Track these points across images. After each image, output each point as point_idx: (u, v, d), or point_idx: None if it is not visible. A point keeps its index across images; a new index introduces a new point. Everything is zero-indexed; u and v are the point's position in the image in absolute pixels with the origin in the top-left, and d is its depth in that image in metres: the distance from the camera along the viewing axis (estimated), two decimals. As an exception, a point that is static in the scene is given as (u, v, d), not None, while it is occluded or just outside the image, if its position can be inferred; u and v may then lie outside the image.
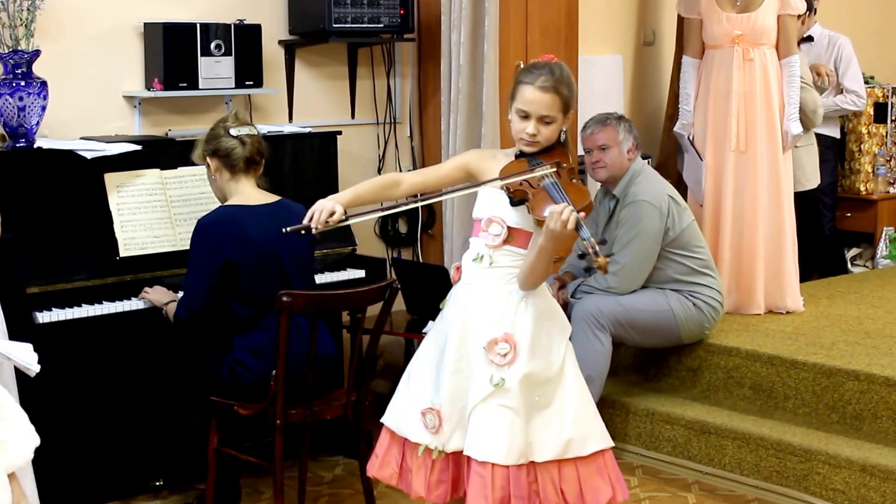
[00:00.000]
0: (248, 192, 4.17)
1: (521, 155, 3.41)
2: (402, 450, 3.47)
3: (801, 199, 6.25)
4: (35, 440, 3.09)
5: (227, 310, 4.12)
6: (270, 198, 4.20)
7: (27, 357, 3.17)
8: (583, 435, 3.38)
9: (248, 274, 4.05)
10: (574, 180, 3.36)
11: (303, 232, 3.26)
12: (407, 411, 3.46)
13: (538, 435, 3.33)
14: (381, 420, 3.55)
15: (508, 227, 3.35)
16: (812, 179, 6.46)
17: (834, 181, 7.20)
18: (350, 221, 3.32)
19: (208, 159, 4.20)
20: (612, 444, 3.48)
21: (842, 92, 6.95)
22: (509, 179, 3.29)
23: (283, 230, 3.29)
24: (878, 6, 8.55)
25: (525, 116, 3.36)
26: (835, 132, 7.06)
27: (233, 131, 4.15)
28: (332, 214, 3.24)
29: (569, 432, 3.35)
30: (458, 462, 3.40)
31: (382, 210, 3.57)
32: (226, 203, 4.19)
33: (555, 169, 3.31)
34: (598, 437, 3.42)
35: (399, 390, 3.54)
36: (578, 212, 3.13)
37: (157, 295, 4.34)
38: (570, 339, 3.50)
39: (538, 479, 3.32)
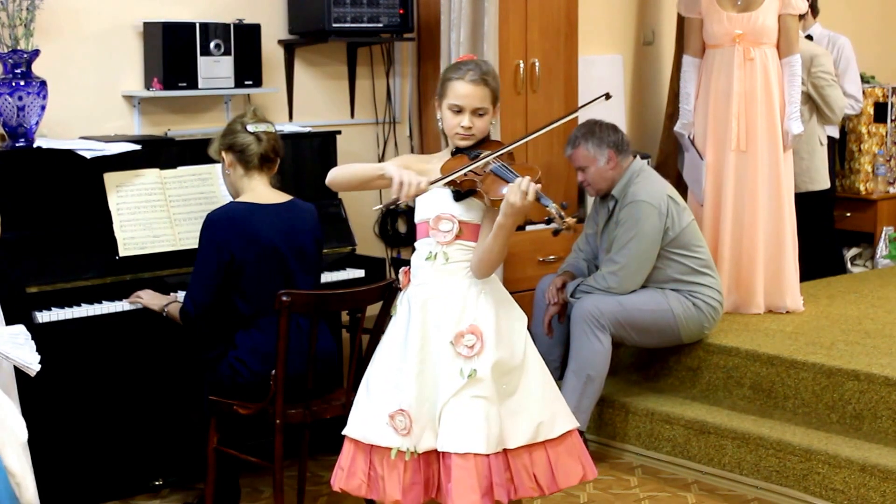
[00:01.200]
0: (260, 190, 4.18)
1: (457, 151, 3.49)
2: (369, 458, 3.49)
3: (816, 198, 6.29)
4: (23, 423, 3.12)
5: (230, 306, 4.12)
6: (282, 197, 4.21)
7: (27, 357, 3.18)
8: (550, 418, 3.48)
9: (252, 271, 4.06)
10: (517, 162, 3.46)
11: (391, 207, 3.37)
12: (371, 418, 3.48)
13: (507, 422, 3.41)
14: (343, 432, 3.56)
15: (459, 222, 3.43)
16: (827, 179, 6.50)
17: (833, 182, 7.20)
18: (432, 188, 3.36)
19: (223, 154, 4.21)
20: (577, 424, 3.59)
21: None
22: (458, 173, 3.36)
23: (374, 209, 3.33)
24: (878, 6, 8.55)
25: (459, 111, 3.47)
26: (834, 132, 7.06)
27: (250, 127, 4.17)
28: (419, 184, 3.31)
29: (537, 416, 3.45)
30: (428, 462, 3.44)
31: (466, 167, 3.53)
32: (237, 199, 4.19)
33: (499, 153, 3.42)
34: (564, 418, 3.53)
35: (358, 400, 3.57)
36: (534, 183, 3.24)
37: (151, 299, 4.32)
38: (566, 338, 3.53)
39: (511, 466, 3.41)
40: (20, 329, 3.28)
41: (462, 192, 3.40)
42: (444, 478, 3.37)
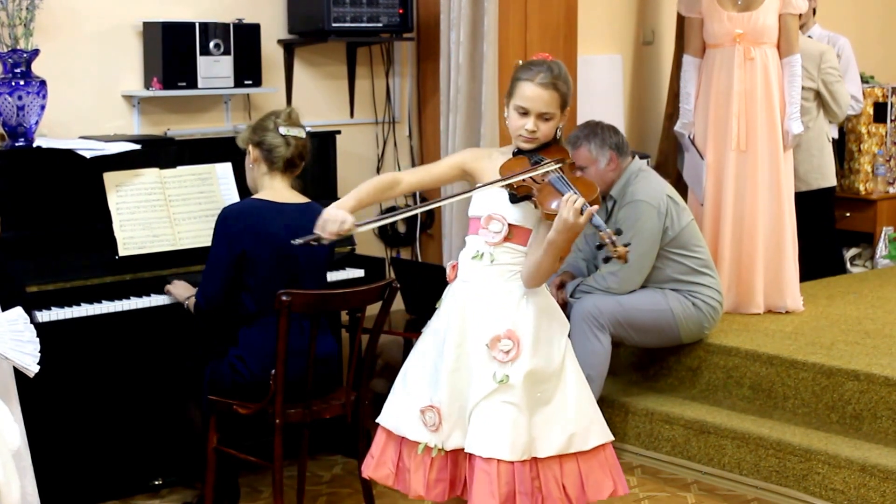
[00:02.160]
0: (280, 190, 4.18)
1: (519, 152, 3.42)
2: (399, 449, 3.47)
3: (821, 195, 6.30)
4: (17, 430, 3.11)
5: (237, 302, 4.12)
6: (300, 198, 4.21)
7: (26, 358, 3.17)
8: (584, 429, 3.41)
9: (261, 268, 4.06)
10: (579, 174, 3.38)
11: (312, 243, 3.30)
12: (404, 410, 3.46)
13: (540, 431, 3.35)
14: (377, 420, 3.55)
15: (509, 224, 3.37)
16: (831, 177, 6.51)
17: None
18: (359, 230, 3.34)
19: (250, 147, 4.21)
20: (612, 438, 3.51)
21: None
22: (515, 178, 3.30)
23: (293, 242, 3.32)
24: (880, 6, 8.55)
25: (524, 113, 3.38)
26: (833, 132, 7.06)
27: (282, 129, 4.16)
28: (342, 223, 3.26)
29: (571, 427, 3.38)
30: (456, 461, 3.41)
31: (387, 217, 3.57)
32: (254, 196, 4.20)
33: (560, 164, 3.34)
34: (599, 431, 3.46)
35: (395, 390, 3.55)
36: (590, 203, 3.17)
37: (180, 290, 4.36)
38: (568, 336, 3.52)
39: (540, 475, 3.35)
40: (18, 313, 3.24)
41: (518, 196, 3.32)
42: (468, 479, 3.35)
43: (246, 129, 4.30)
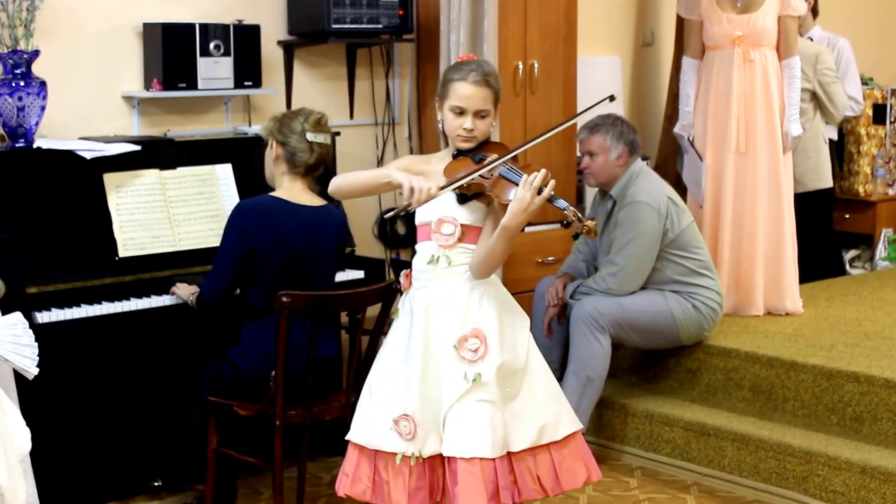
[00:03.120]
0: (297, 192, 4.17)
1: (458, 153, 3.46)
2: (374, 463, 3.48)
3: (818, 197, 6.30)
4: (28, 434, 3.12)
5: (243, 298, 4.13)
6: (316, 200, 4.20)
7: (25, 361, 3.17)
8: (554, 420, 3.47)
9: (271, 266, 4.06)
10: (523, 164, 3.44)
11: (403, 213, 3.37)
12: (375, 423, 3.47)
13: (511, 425, 3.40)
14: (347, 437, 3.56)
15: (461, 225, 3.42)
16: (829, 178, 6.51)
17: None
18: (442, 193, 3.33)
19: (274, 143, 4.19)
20: (581, 426, 3.58)
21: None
22: (467, 178, 3.33)
23: (385, 216, 3.38)
24: (877, 8, 8.56)
25: (461, 112, 3.44)
26: (832, 134, 7.06)
27: (309, 136, 4.14)
28: (429, 191, 3.28)
29: (541, 419, 3.44)
30: (433, 467, 3.43)
31: (467, 175, 3.50)
32: (271, 194, 4.19)
33: (508, 156, 3.39)
34: (567, 420, 3.52)
35: (361, 405, 3.56)
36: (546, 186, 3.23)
37: (183, 290, 4.36)
38: (566, 340, 3.54)
39: (514, 468, 3.40)
40: (17, 318, 3.24)
41: (468, 196, 3.38)
42: (450, 482, 3.37)
43: (272, 120, 4.24)
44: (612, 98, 3.52)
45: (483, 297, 3.42)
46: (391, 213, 3.44)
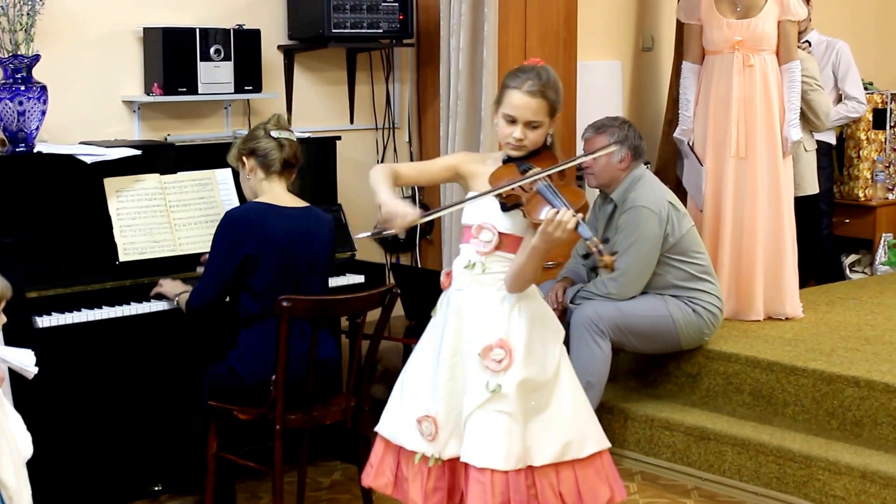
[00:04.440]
0: (280, 194, 4.20)
1: (508, 160, 3.41)
2: (398, 458, 3.47)
3: (802, 203, 6.26)
4: (29, 439, 3.14)
5: (237, 303, 4.13)
6: (300, 203, 4.23)
7: (24, 359, 3.17)
8: (580, 437, 3.40)
9: (264, 271, 4.07)
10: (566, 182, 3.38)
11: (384, 234, 3.29)
12: (401, 419, 3.46)
13: (536, 439, 3.34)
14: (375, 429, 3.55)
15: (500, 234, 3.36)
16: (814, 184, 6.48)
17: (830, 188, 7.21)
18: (423, 221, 3.32)
19: (244, 159, 4.23)
20: (609, 445, 3.50)
21: (841, 98, 6.97)
22: (503, 188, 3.28)
23: (357, 237, 3.40)
24: (876, 12, 8.56)
25: (512, 121, 3.35)
26: (831, 138, 7.07)
27: (273, 133, 4.20)
28: (404, 217, 3.23)
29: (566, 435, 3.37)
30: (453, 469, 3.40)
31: (448, 207, 3.47)
32: (256, 199, 4.21)
33: (547, 174, 3.30)
34: (595, 438, 3.45)
35: (392, 398, 3.55)
36: (576, 213, 3.15)
37: (169, 286, 4.36)
38: (565, 343, 3.52)
39: (536, 483, 3.33)
40: (26, 352, 3.24)
41: (508, 205, 3.31)
42: (464, 488, 3.34)
43: (233, 146, 4.32)
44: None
45: (514, 308, 3.36)
46: (364, 236, 3.36)
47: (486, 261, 3.37)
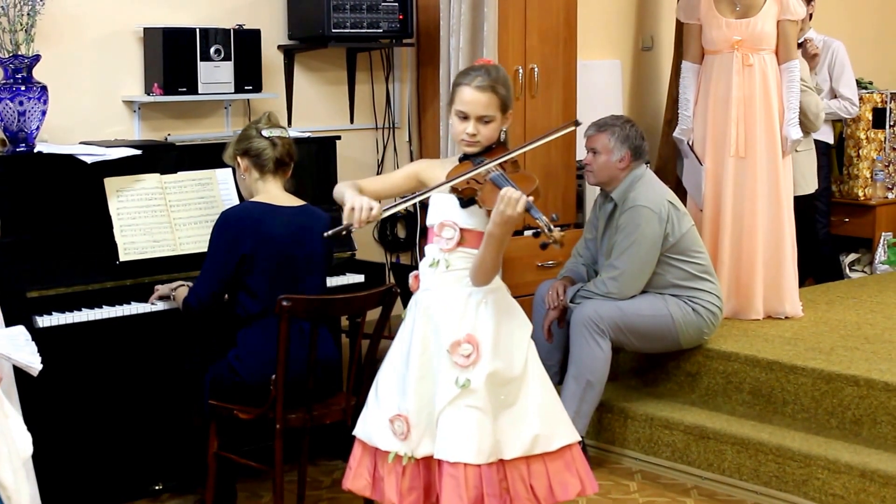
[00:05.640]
0: (275, 193, 4.22)
1: (464, 157, 3.48)
2: (374, 460, 3.51)
3: (799, 202, 6.25)
4: (29, 438, 3.15)
5: (236, 303, 4.13)
6: (296, 201, 4.24)
7: (28, 357, 3.18)
8: (549, 431, 3.45)
9: (261, 270, 4.08)
10: (519, 170, 3.44)
11: (344, 233, 3.32)
12: (375, 421, 3.50)
13: (506, 433, 3.40)
14: (353, 433, 3.59)
15: (461, 230, 3.42)
16: (811, 184, 6.48)
17: (828, 187, 7.22)
18: (386, 214, 3.37)
19: (238, 159, 4.25)
20: (578, 438, 3.57)
21: (835, 97, 6.97)
22: (457, 180, 3.35)
23: (325, 235, 3.37)
24: (876, 12, 8.57)
25: (464, 117, 3.43)
26: (828, 137, 7.07)
27: (265, 132, 4.21)
28: (370, 210, 3.27)
29: (535, 429, 3.42)
30: (428, 468, 3.44)
31: (409, 199, 3.50)
32: (251, 199, 4.23)
33: (497, 162, 3.38)
34: (564, 432, 3.50)
35: (368, 401, 3.59)
36: (528, 196, 3.20)
37: (166, 286, 4.38)
38: (565, 343, 3.54)
39: (507, 476, 3.40)
40: (20, 330, 3.28)
41: (465, 200, 3.39)
42: (438, 485, 3.38)
43: (228, 146, 4.33)
44: (577, 123, 3.60)
45: (481, 303, 3.43)
46: (331, 233, 3.36)
47: (450, 258, 3.44)
